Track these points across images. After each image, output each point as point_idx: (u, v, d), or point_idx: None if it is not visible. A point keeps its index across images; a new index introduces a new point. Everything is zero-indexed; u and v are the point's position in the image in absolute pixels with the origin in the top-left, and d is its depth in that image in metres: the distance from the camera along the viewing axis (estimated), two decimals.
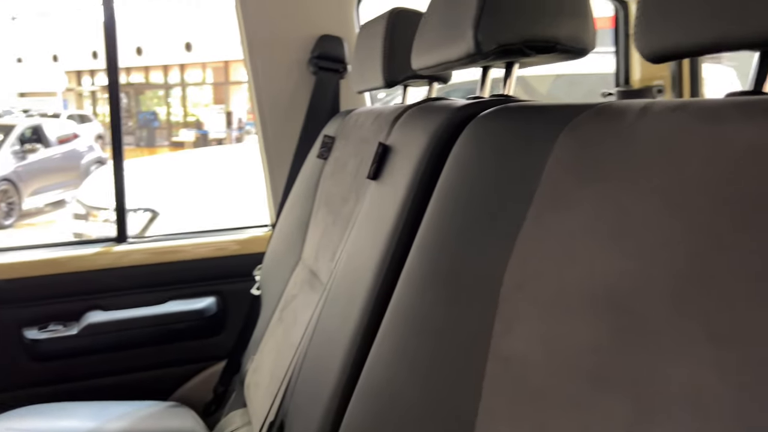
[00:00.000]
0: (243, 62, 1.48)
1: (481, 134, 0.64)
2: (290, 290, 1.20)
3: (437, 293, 0.60)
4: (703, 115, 0.42)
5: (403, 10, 1.04)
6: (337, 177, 1.14)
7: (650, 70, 1.70)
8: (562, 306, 0.46)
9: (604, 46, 1.86)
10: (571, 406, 0.42)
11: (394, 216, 0.73)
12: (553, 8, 0.66)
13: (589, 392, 0.41)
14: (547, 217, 0.51)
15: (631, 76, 1.75)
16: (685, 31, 0.42)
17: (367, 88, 1.15)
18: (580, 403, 0.41)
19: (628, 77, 1.76)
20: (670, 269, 0.39)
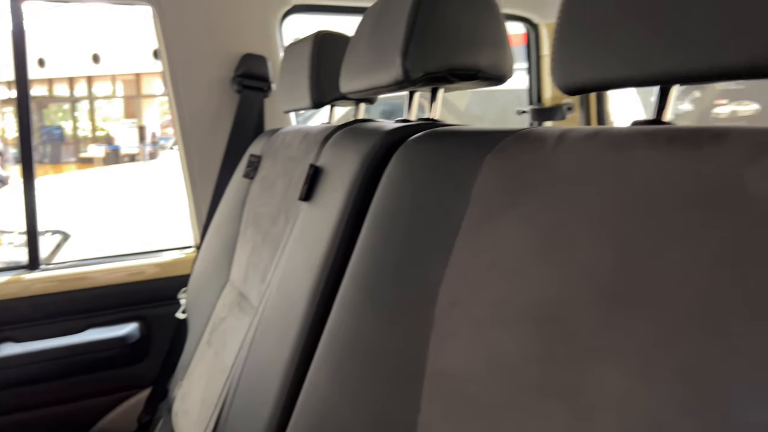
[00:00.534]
0: (158, 75, 1.45)
1: (411, 158, 0.66)
2: (219, 313, 1.18)
3: (372, 315, 0.61)
4: (614, 143, 0.46)
5: (328, 33, 1.06)
6: (265, 196, 1.13)
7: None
8: (496, 320, 0.48)
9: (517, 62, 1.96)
10: (511, 414, 0.44)
11: (328, 238, 0.74)
12: (475, 39, 0.70)
13: (527, 401, 0.44)
14: (478, 237, 0.54)
15: (543, 94, 1.85)
16: (594, 69, 0.47)
17: (295, 109, 1.16)
18: (520, 412, 0.44)
19: (540, 95, 1.86)
20: (595, 284, 0.42)
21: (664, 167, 0.41)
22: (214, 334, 1.15)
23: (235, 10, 1.41)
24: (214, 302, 1.21)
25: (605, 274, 0.41)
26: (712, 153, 0.39)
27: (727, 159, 0.37)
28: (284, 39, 1.50)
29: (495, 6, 0.72)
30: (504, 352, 0.47)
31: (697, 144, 0.40)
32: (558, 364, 0.42)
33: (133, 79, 14.87)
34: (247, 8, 1.42)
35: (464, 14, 0.69)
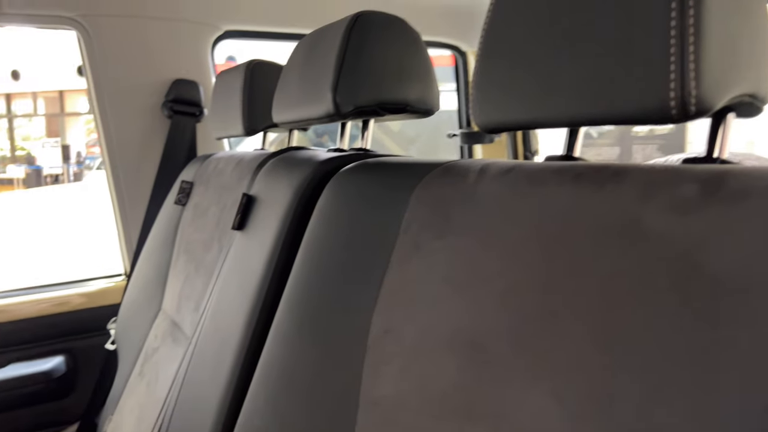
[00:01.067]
0: (83, 92, 1.41)
1: (343, 189, 0.68)
2: (151, 343, 1.15)
3: (307, 345, 0.63)
4: (529, 178, 0.50)
5: (260, 62, 1.07)
6: (198, 224, 1.12)
7: None
8: (426, 348, 0.51)
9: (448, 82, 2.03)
10: None
11: (262, 268, 0.75)
12: (403, 74, 0.73)
13: (456, 428, 0.46)
14: (408, 266, 0.56)
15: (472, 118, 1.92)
16: (507, 112, 0.51)
17: (227, 136, 1.16)
18: None
19: (469, 120, 1.93)
20: (513, 313, 0.45)
21: (571, 203, 0.45)
22: (146, 365, 1.13)
23: (165, 35, 1.40)
24: (146, 332, 1.18)
25: (521, 303, 0.45)
26: (612, 191, 0.43)
27: (625, 197, 0.42)
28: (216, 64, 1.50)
29: (421, 43, 0.75)
30: (432, 379, 0.49)
31: (600, 181, 0.44)
32: (481, 389, 0.45)
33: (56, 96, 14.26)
34: (177, 33, 1.41)
35: (392, 50, 0.72)
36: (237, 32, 1.49)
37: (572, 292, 0.42)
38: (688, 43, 0.38)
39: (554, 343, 0.42)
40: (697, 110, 0.38)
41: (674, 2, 0.38)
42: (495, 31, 0.52)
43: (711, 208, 0.36)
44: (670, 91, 0.38)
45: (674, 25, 0.38)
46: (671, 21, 0.38)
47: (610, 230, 0.41)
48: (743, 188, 0.36)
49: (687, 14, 0.38)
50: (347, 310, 0.60)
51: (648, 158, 3.55)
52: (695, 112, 0.38)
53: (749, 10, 0.42)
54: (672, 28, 0.38)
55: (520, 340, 0.44)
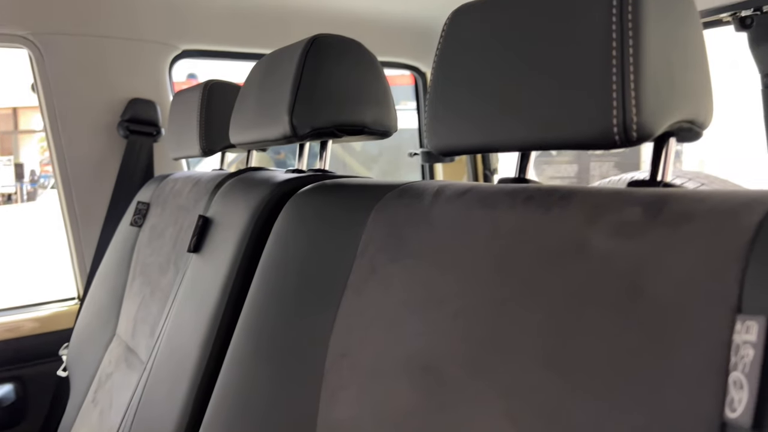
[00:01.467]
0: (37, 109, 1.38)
1: (300, 210, 0.68)
2: (104, 369, 1.12)
3: (263, 370, 0.62)
4: (482, 201, 0.51)
5: (217, 82, 1.06)
6: (155, 246, 1.10)
7: None
8: (381, 372, 0.51)
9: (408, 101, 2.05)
10: None
11: (218, 291, 0.74)
12: (360, 97, 0.74)
13: None
14: (365, 289, 0.56)
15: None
16: (459, 136, 0.52)
17: (183, 156, 1.15)
18: None
19: None
20: (466, 335, 0.46)
21: (521, 225, 0.45)
22: (99, 392, 1.09)
23: (121, 54, 1.38)
24: (99, 358, 1.15)
25: (473, 325, 0.45)
26: (559, 214, 0.44)
27: (572, 220, 0.43)
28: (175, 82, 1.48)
29: (378, 65, 0.76)
30: (387, 404, 0.49)
31: (548, 205, 0.45)
32: (436, 414, 0.45)
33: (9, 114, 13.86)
34: (134, 53, 1.39)
35: (348, 73, 0.73)
36: (195, 52, 1.48)
37: (523, 313, 0.42)
38: (629, 72, 0.39)
39: (507, 364, 0.42)
40: (638, 136, 0.39)
41: (615, 33, 0.40)
42: (448, 58, 0.53)
43: (653, 231, 0.38)
44: (613, 118, 0.39)
45: (615, 55, 0.40)
46: (612, 51, 0.40)
47: (558, 252, 0.42)
48: (684, 211, 0.37)
49: (627, 45, 0.39)
50: (304, 334, 0.60)
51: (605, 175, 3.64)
52: (637, 138, 0.40)
53: (687, 42, 0.43)
54: (613, 58, 0.40)
55: (473, 362, 0.44)
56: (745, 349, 0.29)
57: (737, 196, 0.36)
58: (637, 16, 0.39)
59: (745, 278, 0.32)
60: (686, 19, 0.43)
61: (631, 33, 0.39)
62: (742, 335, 0.30)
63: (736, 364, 0.30)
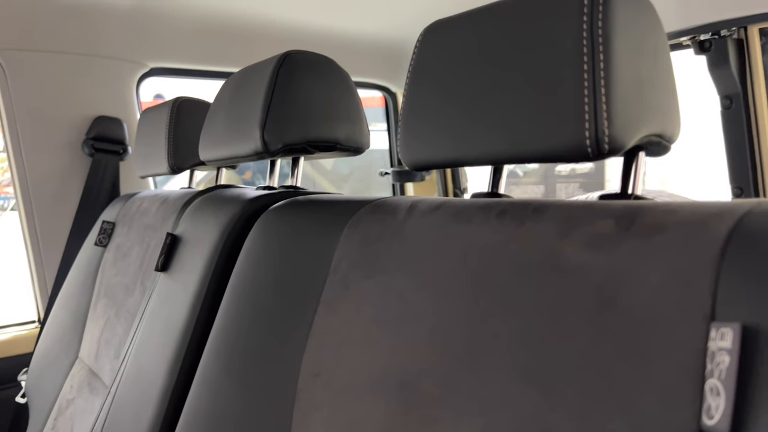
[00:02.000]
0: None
1: (272, 228, 0.67)
2: (65, 395, 1.08)
3: (233, 390, 0.60)
4: (456, 215, 0.51)
5: (187, 99, 1.05)
6: (120, 266, 1.07)
7: None
8: (356, 390, 0.50)
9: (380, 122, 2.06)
10: None
11: (187, 311, 0.72)
12: (332, 113, 0.73)
13: None
14: (338, 306, 0.55)
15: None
16: (434, 150, 0.52)
17: (151, 174, 1.12)
18: None
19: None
20: (442, 350, 0.45)
21: (495, 239, 0.45)
22: (59, 419, 1.05)
23: (86, 71, 1.35)
24: (60, 383, 1.10)
25: (449, 340, 0.45)
26: (533, 228, 0.44)
27: (545, 233, 0.43)
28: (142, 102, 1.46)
29: (350, 82, 0.76)
30: (361, 423, 0.48)
31: (521, 218, 0.45)
32: (412, 431, 0.44)
33: None
34: (100, 70, 1.37)
35: (320, 89, 0.73)
36: (164, 69, 1.46)
37: (499, 327, 0.42)
38: (600, 86, 0.40)
39: (482, 379, 0.42)
40: (610, 148, 0.40)
41: (586, 48, 0.41)
42: (420, 74, 0.53)
43: (625, 243, 0.38)
44: (585, 131, 0.40)
45: (587, 69, 0.40)
46: (584, 65, 0.40)
47: (531, 266, 0.42)
48: (656, 223, 0.38)
49: (598, 59, 0.40)
50: (276, 353, 0.58)
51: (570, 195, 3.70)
52: (609, 150, 0.40)
53: (656, 58, 0.45)
54: (585, 72, 0.40)
55: (448, 378, 0.44)
56: (721, 356, 0.30)
57: (707, 207, 0.37)
58: (607, 30, 0.40)
59: (717, 287, 0.32)
60: (653, 32, 0.44)
61: (602, 47, 0.40)
62: (717, 342, 0.30)
63: (712, 371, 0.30)
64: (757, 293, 0.30)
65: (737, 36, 1.20)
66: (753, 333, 0.29)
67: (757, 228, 0.33)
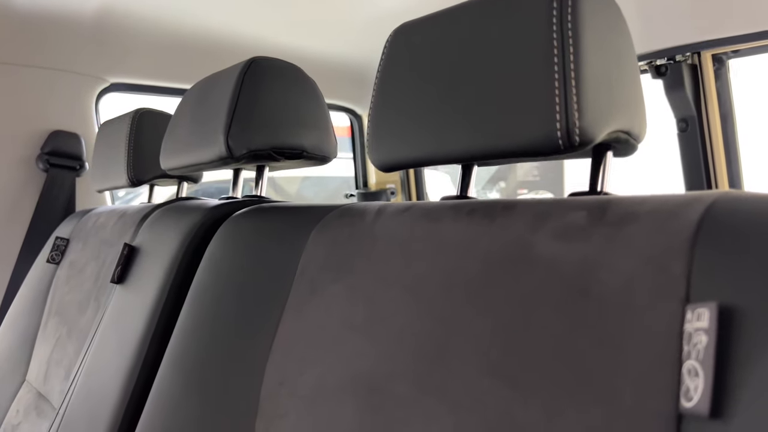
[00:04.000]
0: None
1: (235, 233, 0.65)
2: (10, 419, 1.01)
3: (192, 404, 0.57)
4: (426, 215, 0.50)
5: (148, 110, 1.03)
6: (73, 283, 1.03)
7: (383, 175, 1.92)
8: (324, 395, 0.48)
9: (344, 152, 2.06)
10: None
11: (144, 321, 0.69)
12: (298, 120, 0.72)
13: None
14: (304, 312, 0.53)
15: (369, 180, 1.95)
16: (404, 148, 0.51)
17: (109, 188, 1.09)
18: None
19: (366, 180, 1.95)
20: (412, 351, 0.44)
21: (466, 236, 0.45)
22: None
23: (42, 84, 1.31)
24: (5, 408, 1.04)
25: (419, 340, 0.43)
26: (504, 223, 0.43)
27: (516, 227, 0.42)
28: (101, 117, 1.42)
29: (317, 90, 0.76)
30: (329, 429, 0.46)
31: (491, 215, 0.45)
32: None
33: None
34: (57, 83, 1.33)
35: (287, 95, 0.72)
36: (125, 85, 1.43)
37: (470, 324, 0.41)
38: (570, 79, 0.40)
39: (453, 378, 0.40)
40: (581, 140, 0.40)
41: (556, 42, 0.41)
42: (389, 75, 0.52)
43: (597, 233, 0.38)
44: (556, 122, 0.40)
45: (557, 62, 0.40)
46: (554, 58, 0.41)
47: (503, 260, 0.41)
48: (627, 213, 0.37)
49: (568, 54, 0.40)
50: (238, 362, 0.56)
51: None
52: (579, 143, 0.40)
53: (622, 57, 0.45)
54: (555, 65, 0.40)
55: (419, 379, 0.42)
56: (698, 336, 0.29)
57: (676, 198, 0.37)
58: (576, 26, 0.41)
59: (691, 271, 0.32)
60: (620, 32, 0.45)
61: (571, 41, 0.40)
62: (693, 323, 0.30)
63: (689, 352, 0.30)
64: (731, 274, 0.30)
65: (691, 61, 1.25)
66: (729, 313, 0.29)
67: (726, 214, 0.33)
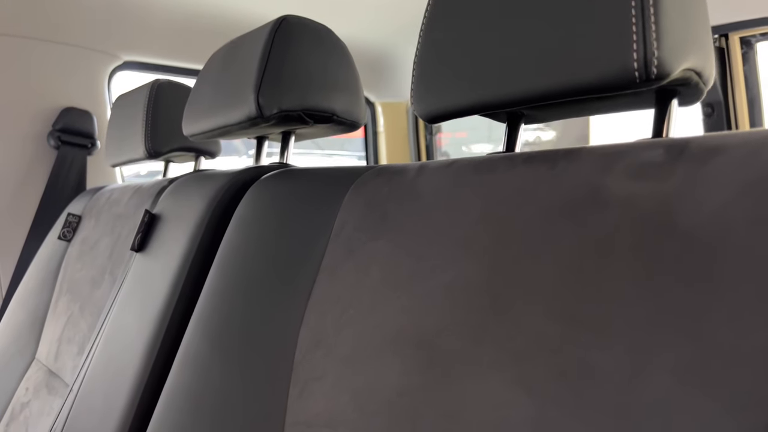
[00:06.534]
0: None
1: (266, 195, 0.62)
2: (19, 399, 0.99)
3: (220, 368, 0.54)
4: (474, 167, 0.47)
5: (166, 81, 1.00)
6: (86, 260, 1.00)
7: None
8: (365, 355, 0.45)
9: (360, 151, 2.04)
10: None
11: (168, 288, 0.66)
12: (329, 82, 0.70)
13: None
14: (341, 272, 0.51)
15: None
16: (454, 95, 0.48)
17: (125, 161, 1.06)
18: None
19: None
20: (463, 305, 0.41)
21: (523, 184, 0.42)
22: (12, 424, 0.95)
23: (55, 59, 1.28)
24: (13, 387, 1.01)
25: (471, 293, 0.41)
26: (567, 167, 0.41)
27: (583, 170, 0.40)
28: (113, 97, 1.40)
29: (348, 53, 0.73)
30: (372, 389, 0.43)
31: (552, 162, 0.42)
32: (432, 389, 0.40)
33: None
34: (70, 59, 1.30)
35: (318, 56, 0.69)
36: (137, 64, 1.40)
37: (528, 274, 0.39)
38: (649, 5, 0.37)
39: (514, 328, 0.38)
40: (658, 73, 0.37)
41: None
42: (439, 15, 0.50)
43: (679, 168, 0.35)
44: (633, 52, 0.37)
45: None
46: None
47: (569, 205, 0.39)
48: (711, 147, 0.35)
49: None
50: (269, 325, 0.53)
51: None
52: (657, 75, 0.37)
53: None
54: None
55: (473, 332, 0.40)
56: None
57: (762, 132, 0.34)
58: None
59: None
60: None
61: None
62: None
63: None
64: None
65: (718, 44, 1.22)
66: None
67: None
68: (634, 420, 0.31)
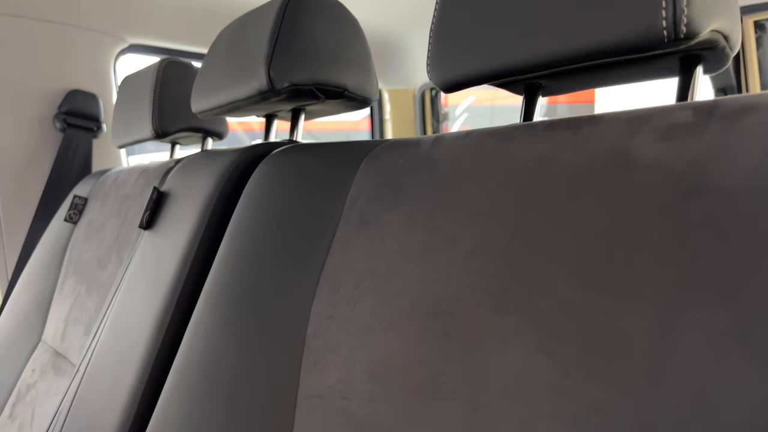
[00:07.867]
0: None
1: (276, 170, 0.61)
2: (25, 380, 0.98)
3: (231, 343, 0.54)
4: (494, 136, 0.46)
5: (174, 60, 0.99)
6: (92, 242, 0.99)
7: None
8: (379, 327, 0.44)
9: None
10: (401, 424, 0.40)
11: (177, 264, 0.65)
12: (341, 57, 0.68)
13: (418, 405, 0.39)
14: (355, 244, 0.50)
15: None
16: (472, 62, 0.47)
17: (132, 142, 1.05)
18: (413, 420, 0.39)
19: None
20: (482, 273, 0.40)
21: (545, 151, 0.41)
22: (18, 405, 0.95)
23: (61, 41, 1.27)
24: (19, 369, 1.01)
25: (490, 261, 0.40)
26: (591, 133, 0.40)
27: (608, 135, 0.38)
28: (118, 80, 1.39)
29: (360, 29, 0.72)
30: (386, 359, 0.42)
31: (575, 128, 0.41)
32: (452, 357, 0.39)
33: None
34: (76, 41, 1.29)
35: (329, 30, 0.68)
36: (143, 47, 1.39)
37: (549, 240, 0.38)
38: None
39: (536, 295, 0.37)
40: (687, 32, 0.36)
41: None
42: None
43: (709, 128, 0.34)
44: (662, 10, 0.36)
45: None
46: None
47: (594, 169, 0.38)
48: (740, 106, 0.34)
49: None
50: (281, 300, 0.52)
51: None
52: (686, 34, 0.36)
53: None
54: None
55: (493, 299, 0.39)
56: None
57: None
58: None
59: None
60: None
61: None
62: None
63: None
64: None
65: None
66: None
67: None
68: (665, 382, 0.30)
